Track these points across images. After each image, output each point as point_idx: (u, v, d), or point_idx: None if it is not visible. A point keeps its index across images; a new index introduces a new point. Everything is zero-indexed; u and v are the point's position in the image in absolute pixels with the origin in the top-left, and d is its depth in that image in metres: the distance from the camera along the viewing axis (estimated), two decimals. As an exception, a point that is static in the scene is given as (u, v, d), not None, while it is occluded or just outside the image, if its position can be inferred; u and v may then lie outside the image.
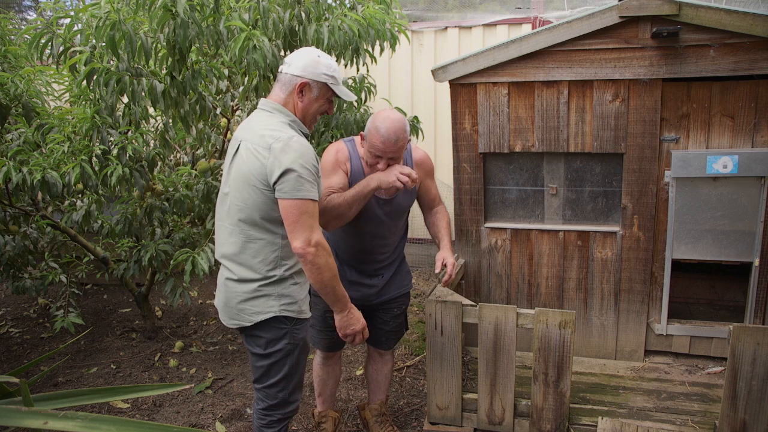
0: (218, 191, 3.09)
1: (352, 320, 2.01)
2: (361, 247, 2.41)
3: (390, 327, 2.56)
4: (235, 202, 1.88)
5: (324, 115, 2.06)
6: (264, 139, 1.81)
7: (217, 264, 2.82)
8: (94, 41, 2.60)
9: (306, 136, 1.95)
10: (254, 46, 2.53)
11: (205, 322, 4.34)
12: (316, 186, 1.84)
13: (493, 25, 5.08)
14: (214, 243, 2.98)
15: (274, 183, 1.78)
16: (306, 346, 2.05)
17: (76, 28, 2.67)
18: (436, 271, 2.42)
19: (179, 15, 2.38)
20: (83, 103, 3.08)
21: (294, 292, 1.94)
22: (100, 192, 3.20)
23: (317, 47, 2.89)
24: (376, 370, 2.67)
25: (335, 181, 2.23)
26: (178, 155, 3.85)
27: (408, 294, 2.62)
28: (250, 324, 1.92)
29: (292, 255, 1.92)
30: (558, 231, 3.29)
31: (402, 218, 2.49)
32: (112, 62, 2.67)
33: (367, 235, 2.37)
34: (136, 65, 2.65)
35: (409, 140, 2.48)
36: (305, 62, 1.91)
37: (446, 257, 2.41)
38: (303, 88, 1.91)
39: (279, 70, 1.98)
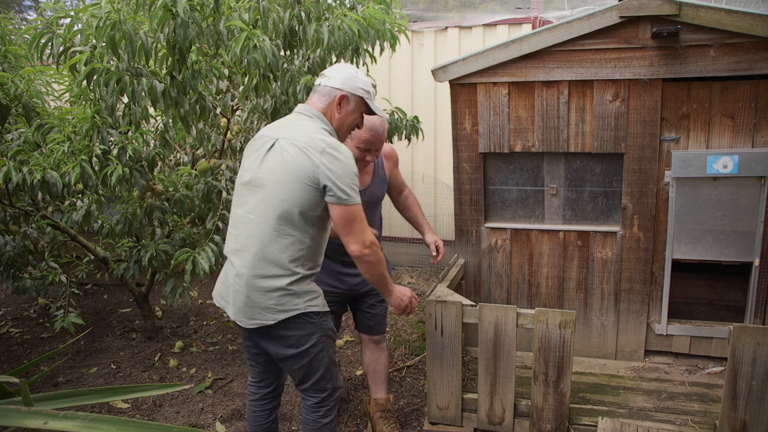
0: (218, 191, 3.13)
1: (400, 294, 2.17)
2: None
3: (377, 311, 2.72)
4: (276, 195, 1.89)
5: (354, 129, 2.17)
6: (315, 141, 1.88)
7: (218, 263, 2.81)
8: (94, 41, 2.60)
9: None
10: (255, 45, 2.53)
11: (205, 322, 4.34)
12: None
13: (493, 25, 5.08)
14: (214, 243, 2.99)
15: (325, 187, 1.86)
16: (335, 333, 2.13)
17: (76, 28, 2.66)
18: (434, 254, 2.69)
19: (179, 15, 2.38)
20: (83, 103, 3.08)
21: (314, 288, 2.00)
22: (100, 192, 3.19)
23: (317, 47, 2.89)
24: (374, 360, 2.75)
25: None
26: (178, 155, 3.85)
27: None
28: (273, 322, 1.91)
29: (314, 258, 1.98)
30: (558, 231, 3.29)
31: (377, 210, 2.68)
32: (112, 62, 2.66)
33: None
34: (136, 65, 2.65)
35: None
36: (344, 76, 2.01)
37: (436, 240, 2.74)
38: (342, 100, 2.00)
39: (316, 82, 2.07)
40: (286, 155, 1.89)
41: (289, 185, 1.87)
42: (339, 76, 2.01)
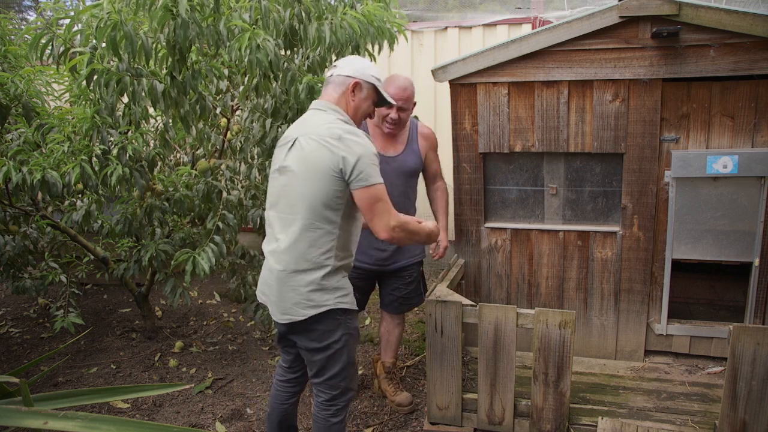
0: (218, 191, 3.13)
1: (431, 236, 2.14)
2: None
3: (402, 293, 2.88)
4: (299, 191, 1.93)
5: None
6: (332, 131, 1.93)
7: (219, 263, 2.81)
8: (94, 42, 2.60)
9: None
10: (258, 45, 2.53)
11: (205, 322, 4.34)
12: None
13: (493, 25, 5.08)
14: (214, 243, 2.99)
15: (350, 171, 1.88)
16: (358, 334, 2.15)
17: (76, 28, 2.66)
18: (431, 251, 2.75)
19: (180, 15, 2.37)
20: (83, 103, 3.08)
21: (345, 284, 2.02)
22: (100, 192, 3.19)
23: (319, 46, 2.89)
24: (388, 331, 3.01)
25: None
26: (178, 155, 3.85)
27: (420, 263, 2.93)
28: (303, 318, 1.95)
29: (345, 247, 2.01)
30: (558, 231, 3.29)
31: (411, 184, 2.77)
32: (112, 63, 2.66)
33: None
34: (136, 66, 2.65)
35: (416, 117, 2.97)
36: (356, 65, 2.08)
37: (443, 239, 2.75)
38: (355, 87, 2.06)
39: (328, 74, 2.12)
40: (305, 152, 1.94)
41: (312, 179, 1.91)
42: (350, 65, 2.07)
